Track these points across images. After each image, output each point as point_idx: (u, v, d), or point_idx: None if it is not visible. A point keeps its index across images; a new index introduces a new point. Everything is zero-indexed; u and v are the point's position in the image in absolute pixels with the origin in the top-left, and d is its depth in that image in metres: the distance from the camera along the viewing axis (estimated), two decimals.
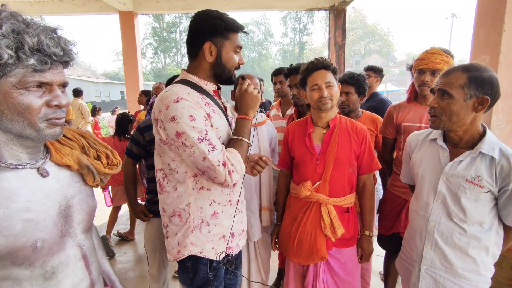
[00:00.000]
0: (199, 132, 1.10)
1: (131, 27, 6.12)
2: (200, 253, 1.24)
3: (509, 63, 2.03)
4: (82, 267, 0.85)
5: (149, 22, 37.90)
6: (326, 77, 1.55)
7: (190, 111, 1.10)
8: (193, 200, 1.22)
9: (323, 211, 1.56)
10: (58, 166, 0.85)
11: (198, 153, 1.09)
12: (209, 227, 1.24)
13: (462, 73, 1.17)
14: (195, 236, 1.23)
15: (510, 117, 2.09)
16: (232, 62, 1.24)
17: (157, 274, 2.05)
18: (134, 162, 2.03)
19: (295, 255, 1.63)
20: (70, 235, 0.83)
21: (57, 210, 0.79)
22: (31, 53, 0.68)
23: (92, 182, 0.92)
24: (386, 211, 2.09)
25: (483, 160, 1.20)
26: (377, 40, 46.69)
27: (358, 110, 2.24)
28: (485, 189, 1.19)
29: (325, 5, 5.94)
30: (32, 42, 0.68)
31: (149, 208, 1.99)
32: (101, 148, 0.97)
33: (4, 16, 0.67)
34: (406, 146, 1.55)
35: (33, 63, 0.68)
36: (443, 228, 1.28)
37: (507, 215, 1.21)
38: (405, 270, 1.46)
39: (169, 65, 39.22)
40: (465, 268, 1.25)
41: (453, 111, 1.19)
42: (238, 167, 1.15)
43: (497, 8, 2.03)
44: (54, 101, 0.74)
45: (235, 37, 1.22)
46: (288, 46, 45.69)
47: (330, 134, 1.61)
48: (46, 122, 0.74)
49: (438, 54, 1.84)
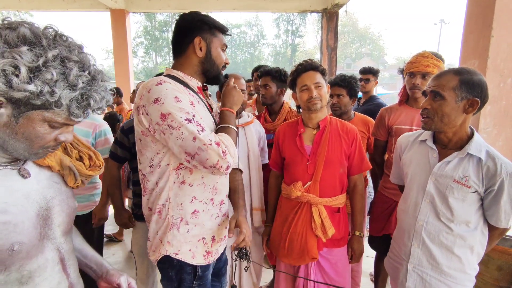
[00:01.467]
0: (186, 113, 1.04)
1: (122, 25, 6.04)
2: (175, 254, 1.16)
3: (497, 68, 2.07)
4: (60, 271, 0.82)
5: (141, 20, 37.54)
6: (315, 78, 1.57)
7: (174, 93, 1.05)
8: (173, 195, 1.15)
9: (314, 212, 1.56)
10: (39, 166, 0.82)
11: (187, 133, 1.02)
12: (188, 226, 1.17)
13: (454, 75, 1.21)
14: (172, 235, 1.15)
15: (497, 120, 2.14)
16: (220, 59, 1.25)
17: (146, 278, 2.00)
18: (119, 165, 1.90)
19: (286, 256, 1.63)
20: (50, 237, 0.79)
21: (36, 212, 0.76)
22: (81, 109, 0.69)
23: (73, 184, 0.90)
24: (377, 213, 2.11)
25: (470, 161, 1.24)
26: (368, 43, 47.37)
27: (350, 112, 2.26)
28: (472, 189, 1.23)
29: (318, 8, 5.99)
30: (93, 106, 0.70)
31: (135, 212, 1.92)
32: (84, 149, 0.95)
33: (80, 68, 0.67)
34: (396, 147, 1.58)
35: (75, 115, 0.69)
36: (430, 227, 1.31)
37: (492, 215, 1.24)
38: (393, 269, 1.49)
39: (160, 64, 38.91)
40: (450, 267, 1.29)
41: (445, 112, 1.22)
42: (231, 149, 1.09)
43: (486, 15, 2.08)
44: (63, 137, 0.74)
45: (221, 36, 1.25)
46: (280, 48, 45.89)
47: (321, 134, 1.62)
48: (43, 150, 0.73)
49: (429, 58, 1.87)
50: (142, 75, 37.67)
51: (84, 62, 0.68)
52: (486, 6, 2.08)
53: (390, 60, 47.99)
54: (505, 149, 2.19)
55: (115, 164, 1.88)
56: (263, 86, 2.25)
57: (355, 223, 1.69)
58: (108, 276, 0.95)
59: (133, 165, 1.90)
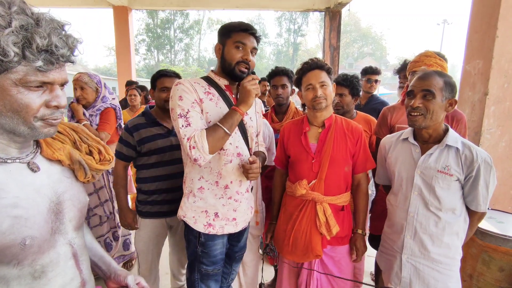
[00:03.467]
0: (182, 110, 1.30)
1: (125, 22, 6.04)
2: (183, 216, 1.45)
3: (501, 69, 2.07)
4: (73, 266, 0.82)
5: (143, 18, 37.48)
6: (320, 76, 1.57)
7: (180, 93, 1.32)
8: (189, 171, 1.45)
9: (319, 210, 1.57)
10: (49, 160, 0.81)
11: (176, 126, 1.31)
12: (195, 198, 1.42)
13: (439, 77, 1.35)
14: (183, 202, 1.46)
15: (501, 121, 2.13)
16: (230, 56, 1.38)
17: (148, 274, 2.01)
18: (126, 164, 1.89)
19: (290, 253, 1.63)
20: (61, 232, 0.79)
21: (47, 206, 0.76)
22: (38, 53, 0.65)
23: (83, 178, 0.89)
24: (378, 211, 2.11)
25: (449, 152, 1.37)
26: (370, 43, 47.22)
27: (352, 111, 2.26)
28: (454, 177, 1.35)
29: (321, 7, 5.96)
30: (42, 43, 0.64)
31: (140, 210, 1.91)
32: (94, 143, 0.94)
33: (14, 10, 0.63)
34: (380, 149, 1.65)
35: (39, 65, 0.65)
36: (421, 218, 1.42)
37: (472, 201, 1.36)
38: (386, 262, 1.57)
39: (162, 62, 38.88)
40: (440, 254, 1.39)
41: (434, 110, 1.34)
42: (199, 144, 1.26)
43: (491, 15, 2.07)
44: (54, 101, 0.71)
45: (236, 35, 1.37)
46: (282, 47, 45.80)
47: (326, 133, 1.62)
48: (42, 122, 0.71)
49: (432, 57, 1.86)
50: (144, 73, 37.68)
51: (25, 10, 0.65)
52: (491, 6, 2.07)
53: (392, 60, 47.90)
54: (508, 149, 2.19)
55: (122, 163, 1.87)
56: (281, 86, 2.23)
57: (358, 221, 1.69)
58: (115, 277, 0.95)
59: (138, 162, 1.90)
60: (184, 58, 43.20)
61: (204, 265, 1.45)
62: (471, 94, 2.21)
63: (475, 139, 2.18)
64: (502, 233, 1.69)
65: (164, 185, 1.86)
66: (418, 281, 1.42)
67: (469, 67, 2.25)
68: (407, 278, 1.45)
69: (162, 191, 1.87)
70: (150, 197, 1.87)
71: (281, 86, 2.23)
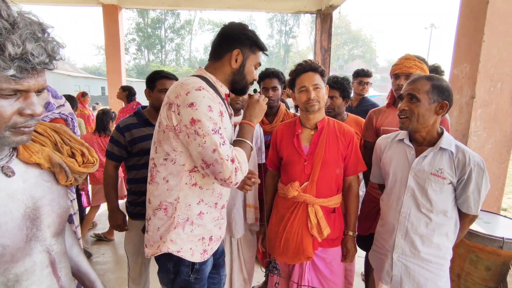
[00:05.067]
0: (214, 124, 1.09)
1: (114, 21, 5.95)
2: (177, 252, 1.20)
3: (487, 73, 2.12)
4: (50, 274, 0.78)
5: (133, 17, 37.08)
6: (314, 79, 1.57)
7: (209, 102, 1.10)
8: (183, 196, 1.18)
9: (310, 211, 1.57)
10: (26, 164, 0.77)
11: (209, 144, 1.07)
12: (192, 227, 1.22)
13: (426, 81, 1.37)
14: (176, 234, 1.20)
15: (487, 124, 2.19)
16: (251, 75, 1.31)
17: (138, 277, 1.98)
18: (116, 164, 1.87)
19: (282, 254, 1.63)
20: (38, 239, 0.75)
21: (22, 212, 0.71)
22: (11, 62, 0.59)
23: (65, 182, 0.85)
24: (365, 212, 2.13)
25: (443, 155, 1.39)
26: (360, 46, 47.86)
27: (343, 113, 2.28)
28: (447, 180, 1.37)
29: (312, 9, 6.01)
30: (14, 51, 0.59)
31: (130, 211, 1.89)
32: (76, 144, 0.89)
33: None
34: (376, 149, 1.67)
35: (12, 74, 0.59)
36: (412, 219, 1.44)
37: (463, 203, 1.39)
38: (378, 261, 1.60)
39: (152, 62, 38.50)
40: (430, 253, 1.42)
41: (420, 113, 1.37)
42: (244, 165, 1.15)
43: (477, 20, 2.12)
44: (28, 109, 0.65)
45: (259, 54, 1.31)
46: (274, 48, 45.95)
47: (318, 135, 1.63)
48: (12, 130, 0.66)
49: (411, 60, 1.92)
50: (134, 72, 37.22)
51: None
52: (478, 11, 2.12)
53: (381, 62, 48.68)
54: (494, 152, 2.24)
55: (112, 163, 1.85)
56: (271, 88, 2.23)
57: (349, 223, 1.70)
58: None
59: (128, 163, 1.87)
60: (175, 58, 42.89)
61: None
62: (459, 97, 2.26)
63: (462, 141, 2.23)
64: (488, 233, 1.73)
65: None
66: (408, 280, 1.45)
67: (457, 71, 2.30)
68: (397, 277, 1.48)
69: None
70: (140, 198, 1.85)
71: (272, 88, 2.23)
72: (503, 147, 2.24)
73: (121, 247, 3.12)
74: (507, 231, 1.78)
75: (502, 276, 1.68)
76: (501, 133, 2.21)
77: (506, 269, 1.64)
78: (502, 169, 2.27)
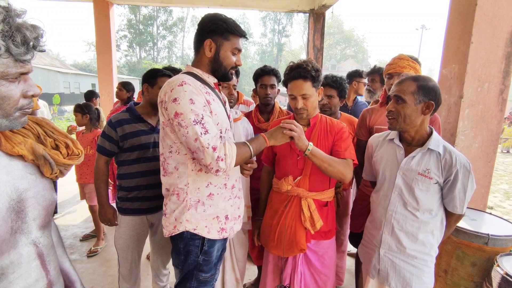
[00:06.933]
0: (196, 115, 1.18)
1: (106, 17, 5.86)
2: (194, 229, 1.32)
3: (475, 73, 2.17)
4: (38, 267, 0.77)
5: (125, 13, 36.60)
6: (302, 88, 1.54)
7: (191, 95, 1.19)
8: (192, 181, 1.30)
9: (303, 205, 1.60)
10: (9, 156, 0.77)
11: (191, 134, 1.18)
12: (204, 207, 1.33)
13: (412, 82, 1.39)
14: (190, 214, 1.31)
15: (474, 123, 2.24)
16: (228, 61, 1.34)
17: (128, 274, 1.97)
18: (107, 159, 1.86)
19: (275, 247, 1.66)
20: (24, 232, 0.75)
21: (6, 205, 0.71)
22: (22, 46, 0.67)
23: (50, 174, 0.85)
24: (357, 210, 2.16)
25: (431, 156, 1.42)
26: (352, 45, 48.24)
27: (337, 112, 2.30)
28: (433, 180, 1.40)
29: (305, 8, 6.03)
30: (31, 35, 0.67)
31: (120, 206, 1.90)
32: (60, 137, 0.89)
33: None
34: (368, 147, 1.72)
35: (27, 58, 0.68)
36: (399, 216, 1.48)
37: (449, 202, 1.43)
38: (366, 255, 1.65)
39: (144, 59, 38.05)
40: (415, 250, 1.46)
41: (407, 113, 1.40)
42: (229, 159, 1.22)
43: (466, 22, 2.17)
44: (31, 91, 0.73)
45: (235, 40, 1.33)
46: (267, 47, 45.98)
47: (311, 131, 1.65)
48: (20, 112, 0.72)
49: (404, 60, 1.96)
50: (125, 69, 36.75)
51: None
52: (466, 13, 2.17)
53: (373, 62, 49.05)
54: (481, 151, 2.30)
55: (103, 158, 1.85)
56: (270, 86, 2.24)
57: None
58: None
59: (119, 158, 1.86)
60: (167, 55, 42.49)
61: (204, 273, 1.40)
62: (448, 97, 2.31)
63: (450, 140, 2.27)
64: (474, 230, 1.78)
65: (145, 181, 1.85)
66: (394, 274, 1.50)
67: (446, 71, 2.35)
68: (384, 271, 1.53)
69: (143, 187, 1.85)
70: (130, 194, 1.86)
71: (270, 86, 2.24)
72: (490, 146, 2.29)
73: (112, 244, 3.09)
74: (492, 228, 1.83)
75: (487, 272, 1.73)
76: (487, 132, 2.27)
77: (491, 265, 1.69)
78: (489, 167, 2.33)
